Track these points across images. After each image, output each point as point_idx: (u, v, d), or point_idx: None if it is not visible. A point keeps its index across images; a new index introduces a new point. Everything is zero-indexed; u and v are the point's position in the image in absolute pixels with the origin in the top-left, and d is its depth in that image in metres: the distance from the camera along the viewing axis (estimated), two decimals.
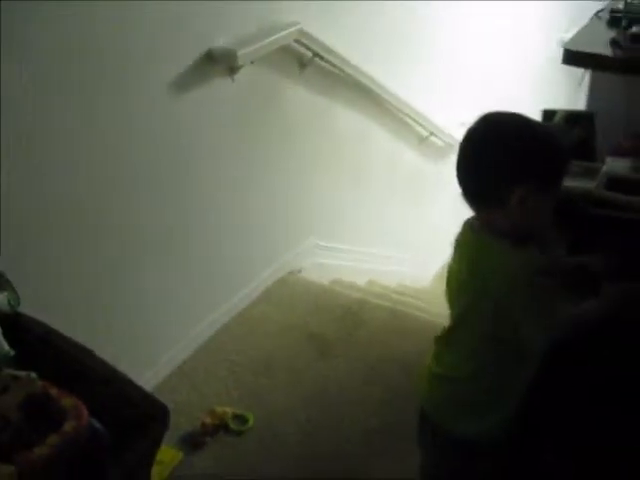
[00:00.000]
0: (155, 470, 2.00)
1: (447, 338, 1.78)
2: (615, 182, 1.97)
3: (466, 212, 1.77)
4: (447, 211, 2.77)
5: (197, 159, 2.83)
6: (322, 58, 3.30)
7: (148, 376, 2.75)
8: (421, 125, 4.41)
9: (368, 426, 2.74)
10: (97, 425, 1.48)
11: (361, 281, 4.14)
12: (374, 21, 3.73)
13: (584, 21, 2.55)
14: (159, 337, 2.87)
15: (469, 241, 1.69)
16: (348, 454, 2.62)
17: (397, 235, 4.53)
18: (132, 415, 1.60)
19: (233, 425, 2.69)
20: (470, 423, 1.75)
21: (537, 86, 5.08)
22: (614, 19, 2.41)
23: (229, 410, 2.72)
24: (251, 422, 2.71)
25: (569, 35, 2.41)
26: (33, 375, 1.52)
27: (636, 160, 2.05)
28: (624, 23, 2.34)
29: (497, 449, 1.78)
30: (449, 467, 1.84)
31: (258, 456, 2.60)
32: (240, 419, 2.72)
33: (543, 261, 1.65)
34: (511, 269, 1.58)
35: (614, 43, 2.26)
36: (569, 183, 1.97)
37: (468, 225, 1.71)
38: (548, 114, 2.28)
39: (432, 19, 4.33)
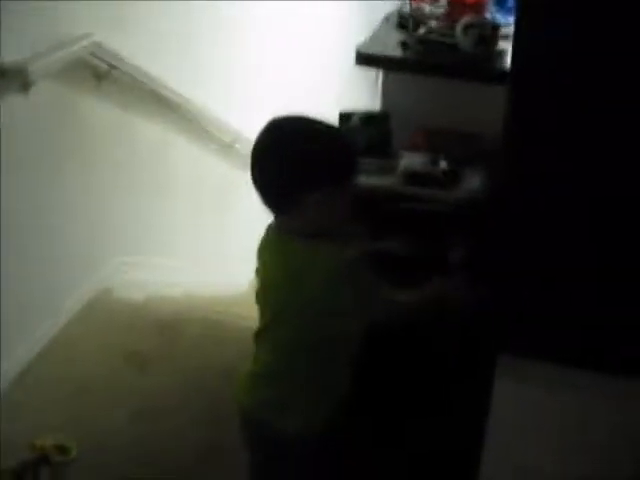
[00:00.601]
0: None
1: (263, 337, 1.80)
2: (411, 176, 2.07)
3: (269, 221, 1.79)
4: (257, 217, 2.78)
5: None
6: (119, 70, 3.23)
7: None
8: (225, 133, 4.41)
9: (195, 437, 2.72)
10: None
11: (176, 294, 4.09)
12: (172, 29, 3.70)
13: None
14: None
15: (275, 244, 1.72)
16: (178, 468, 2.59)
17: (209, 245, 4.51)
18: None
19: (55, 457, 2.56)
20: (293, 419, 1.77)
21: (337, 89, 5.21)
22: (402, 22, 2.53)
23: (49, 442, 2.58)
24: (74, 451, 2.60)
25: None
26: None
27: (427, 154, 2.16)
28: (411, 26, 2.46)
29: (323, 442, 1.81)
30: (276, 465, 1.85)
31: None
32: (62, 449, 2.59)
33: (351, 253, 1.70)
34: (324, 266, 1.62)
35: (403, 45, 2.37)
36: (368, 181, 2.05)
37: (272, 228, 1.74)
38: (345, 116, 2.34)
39: (233, 23, 4.35)
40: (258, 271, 1.80)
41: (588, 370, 1.63)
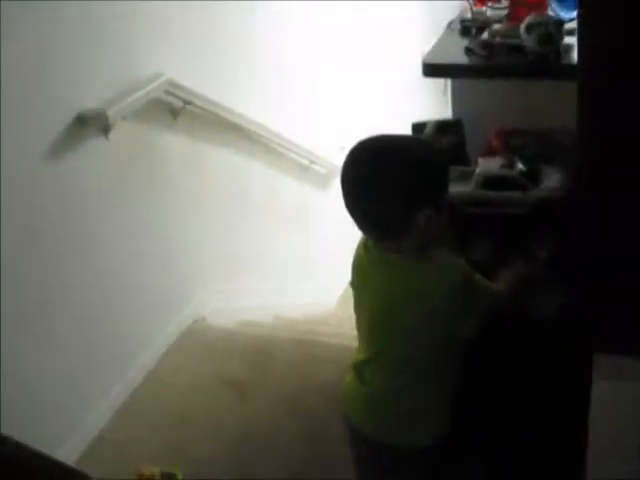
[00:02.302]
0: None
1: (375, 360, 1.78)
2: (488, 181, 2.05)
3: (352, 237, 1.79)
4: (335, 236, 2.82)
5: (81, 222, 2.79)
6: (193, 105, 3.32)
7: (68, 449, 2.70)
8: (301, 155, 4.46)
9: (297, 461, 2.74)
10: None
11: (265, 318, 4.14)
12: (240, 60, 3.77)
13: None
14: (73, 406, 2.82)
15: (386, 266, 1.68)
16: None
17: (293, 266, 4.55)
18: None
19: None
20: (412, 433, 1.77)
21: (405, 101, 5.21)
22: (465, 28, 2.53)
23: (157, 470, 2.65)
24: (181, 478, 2.66)
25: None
26: None
27: (503, 157, 2.14)
28: (474, 31, 2.46)
29: (437, 454, 1.81)
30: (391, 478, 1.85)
31: None
32: (169, 477, 2.66)
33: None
34: (450, 276, 1.62)
35: (468, 51, 2.36)
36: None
37: (373, 250, 1.70)
38: (418, 127, 2.35)
39: (301, 50, 4.41)
40: (362, 291, 1.78)
41: None
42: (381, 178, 1.57)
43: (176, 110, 3.25)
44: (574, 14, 2.18)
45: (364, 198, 1.60)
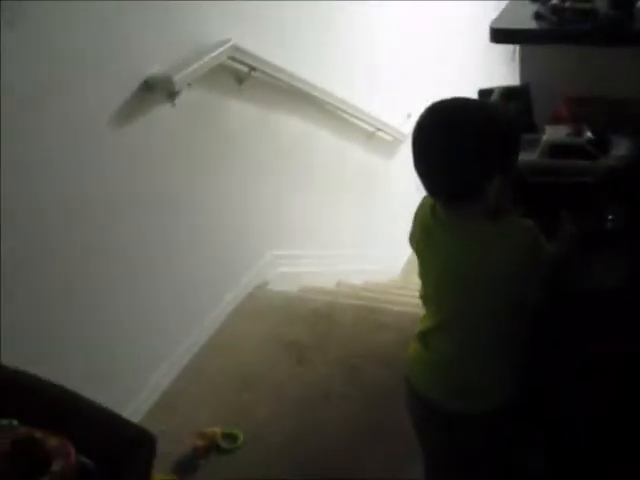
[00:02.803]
0: None
1: (441, 327, 1.77)
2: (555, 149, 2.01)
3: (417, 204, 1.79)
4: (400, 203, 2.82)
5: (147, 187, 2.84)
6: (259, 71, 3.33)
7: (133, 406, 2.78)
8: (366, 122, 4.45)
9: (356, 426, 2.77)
10: (85, 461, 1.48)
11: (328, 284, 4.16)
12: (307, 26, 3.77)
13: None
14: (139, 367, 2.90)
15: (459, 230, 1.67)
16: (338, 457, 2.64)
17: (357, 233, 4.56)
18: (119, 446, 1.61)
19: (224, 444, 2.70)
20: (477, 399, 1.76)
21: (472, 68, 5.15)
22: None
23: (218, 430, 2.72)
24: (241, 439, 2.72)
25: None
26: (15, 422, 1.52)
27: (571, 125, 2.09)
28: None
29: (500, 421, 1.80)
30: (464, 446, 1.84)
31: (251, 473, 2.61)
32: (230, 437, 2.73)
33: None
34: (525, 238, 1.63)
35: (538, 16, 2.31)
36: None
37: (442, 214, 1.69)
38: (484, 93, 2.32)
39: (366, 16, 4.38)
40: (425, 262, 1.78)
41: None
42: (456, 140, 1.55)
43: (241, 76, 3.27)
44: None
45: (437, 160, 1.58)
